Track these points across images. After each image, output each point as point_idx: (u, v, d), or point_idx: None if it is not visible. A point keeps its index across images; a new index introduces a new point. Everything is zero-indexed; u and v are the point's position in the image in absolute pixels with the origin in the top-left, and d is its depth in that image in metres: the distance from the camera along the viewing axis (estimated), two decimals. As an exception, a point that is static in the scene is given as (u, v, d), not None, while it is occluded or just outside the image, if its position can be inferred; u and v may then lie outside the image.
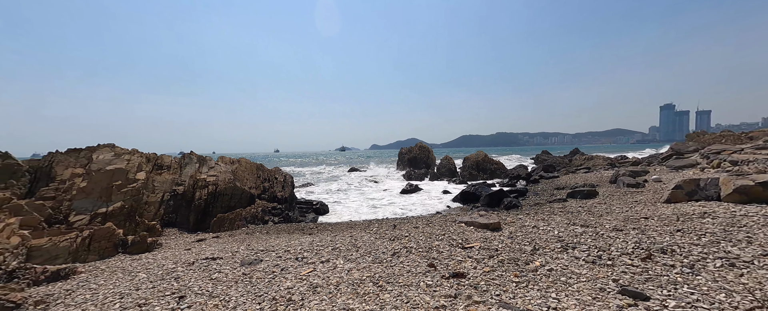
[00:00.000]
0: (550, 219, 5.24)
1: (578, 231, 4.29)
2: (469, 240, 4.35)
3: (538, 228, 4.68)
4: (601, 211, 5.69)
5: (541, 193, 11.35)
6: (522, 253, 3.71)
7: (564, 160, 24.94)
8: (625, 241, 3.72)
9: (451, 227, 5.20)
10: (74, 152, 9.51)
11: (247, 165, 11.82)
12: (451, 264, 3.48)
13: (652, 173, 11.38)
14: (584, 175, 14.53)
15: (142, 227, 7.28)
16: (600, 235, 4.05)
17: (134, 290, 3.25)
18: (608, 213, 5.35)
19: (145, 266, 4.39)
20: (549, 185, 13.20)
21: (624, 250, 3.46)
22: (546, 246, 3.86)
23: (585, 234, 4.15)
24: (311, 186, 19.86)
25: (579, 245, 3.78)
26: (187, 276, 3.67)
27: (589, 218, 5.07)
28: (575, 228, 4.49)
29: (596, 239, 3.93)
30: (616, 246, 3.62)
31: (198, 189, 9.35)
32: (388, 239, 4.76)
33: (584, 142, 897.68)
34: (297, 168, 35.31)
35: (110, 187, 7.66)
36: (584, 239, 3.97)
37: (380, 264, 3.63)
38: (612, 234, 4.02)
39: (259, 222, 9.17)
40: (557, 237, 4.14)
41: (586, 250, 3.60)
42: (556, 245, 3.86)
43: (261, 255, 4.42)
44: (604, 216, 5.15)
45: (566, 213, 5.85)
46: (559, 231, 4.42)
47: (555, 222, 4.96)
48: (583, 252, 3.54)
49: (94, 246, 5.21)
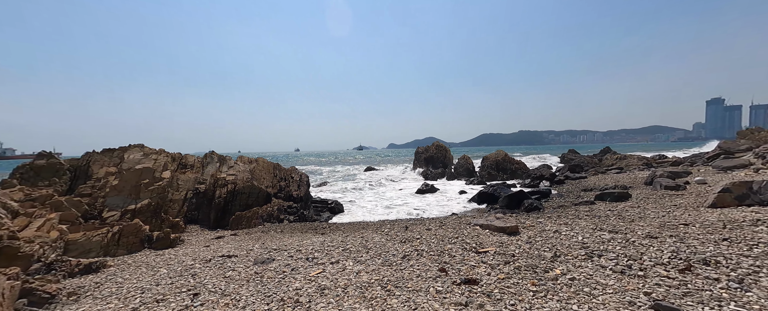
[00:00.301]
0: (574, 223, 4.94)
1: (605, 238, 4.00)
2: (484, 244, 4.20)
3: (560, 233, 4.42)
4: (634, 216, 5.27)
5: (566, 195, 10.77)
6: (541, 260, 3.51)
7: (593, 160, 23.47)
8: (660, 250, 3.41)
9: (465, 230, 5.05)
10: (108, 152, 10.29)
11: (264, 165, 12.22)
12: (463, 270, 3.36)
13: (695, 174, 10.42)
14: (615, 176, 13.61)
15: (166, 223, 7.75)
16: (631, 242, 3.75)
17: (154, 285, 3.44)
18: (641, 218, 4.95)
19: (167, 262, 4.64)
20: (575, 186, 12.48)
21: (658, 260, 3.17)
22: (568, 253, 3.63)
23: (613, 241, 3.86)
24: (328, 185, 20.21)
25: (606, 253, 3.52)
26: (203, 273, 3.84)
27: (618, 223, 4.71)
28: (602, 234, 4.19)
29: (626, 246, 3.63)
30: (650, 255, 3.32)
31: (218, 188, 9.80)
32: (399, 241, 4.70)
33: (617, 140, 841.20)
34: (314, 167, 36.22)
35: (139, 185, 8.23)
36: (612, 246, 3.69)
37: (390, 267, 3.58)
38: (645, 242, 3.70)
39: (275, 220, 9.45)
40: (581, 244, 3.88)
41: (613, 259, 3.34)
42: (580, 252, 3.61)
43: (274, 254, 4.52)
44: (636, 222, 4.76)
45: (593, 218, 5.48)
46: (583, 236, 4.15)
47: (579, 226, 4.66)
48: (611, 261, 3.29)
49: (123, 241, 5.62)
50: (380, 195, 15.91)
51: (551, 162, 32.12)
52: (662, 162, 17.72)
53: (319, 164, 43.51)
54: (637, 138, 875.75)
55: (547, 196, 10.96)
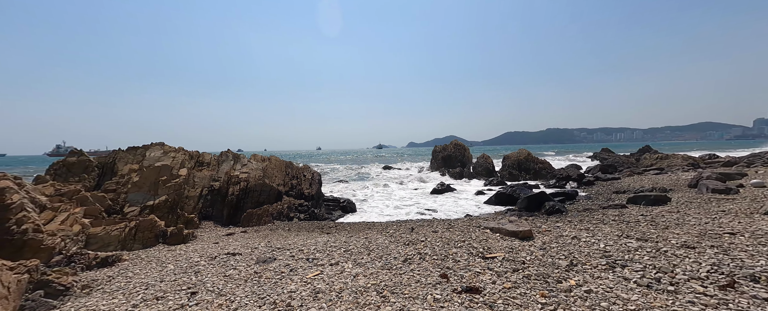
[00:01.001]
0: (597, 228, 4.58)
1: (632, 246, 3.66)
2: (492, 249, 4.00)
3: (579, 239, 4.11)
4: (670, 222, 4.79)
5: (594, 197, 10.11)
6: (554, 268, 3.28)
7: (629, 160, 21.83)
8: (698, 262, 3.06)
9: (473, 233, 4.86)
10: (133, 150, 11.05)
11: (276, 163, 12.55)
12: (466, 276, 3.22)
13: (751, 176, 9.35)
14: (654, 177, 12.57)
15: (182, 219, 8.19)
16: (662, 252, 3.40)
17: (159, 281, 3.61)
18: (679, 225, 4.48)
19: (176, 258, 4.87)
20: (606, 188, 11.68)
21: (694, 274, 2.84)
22: (586, 262, 3.36)
23: (641, 250, 3.52)
24: (343, 184, 20.47)
25: (631, 263, 3.22)
26: (207, 270, 3.97)
27: (649, 230, 4.30)
28: (629, 241, 3.84)
29: (656, 257, 3.30)
30: (684, 267, 2.99)
31: (231, 186, 10.20)
32: (402, 243, 4.61)
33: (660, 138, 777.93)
34: (333, 165, 37.05)
35: (157, 182, 8.76)
36: (639, 256, 3.37)
37: (389, 270, 3.51)
38: (679, 252, 3.34)
39: (284, 218, 9.68)
40: (602, 252, 3.58)
41: (640, 270, 3.04)
42: (600, 261, 3.33)
43: (276, 254, 4.60)
44: (671, 229, 4.32)
45: (620, 223, 5.06)
46: (606, 244, 3.83)
47: (603, 232, 4.31)
48: (636, 273, 2.99)
49: (139, 236, 5.99)
50: (394, 194, 15.86)
51: (581, 162, 30.49)
52: (712, 162, 16.10)
53: (337, 162, 44.61)
54: (684, 135, 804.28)
55: (573, 199, 10.37)
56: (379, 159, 49.58)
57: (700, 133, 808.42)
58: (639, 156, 23.23)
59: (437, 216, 10.23)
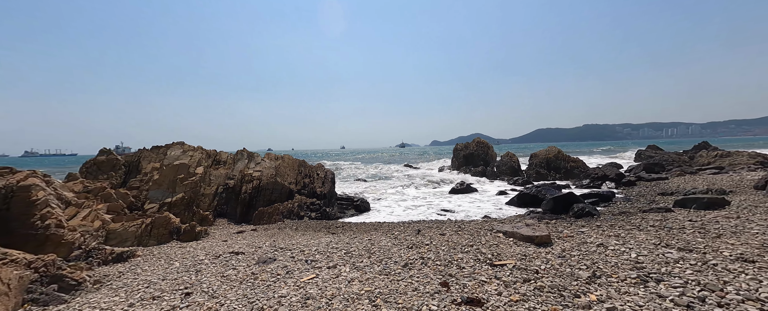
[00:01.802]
0: (630, 235, 4.11)
1: (672, 257, 3.23)
2: (503, 256, 3.74)
3: (607, 247, 3.72)
4: (725, 230, 4.19)
5: (635, 200, 9.25)
6: (573, 280, 2.97)
7: (681, 158, 19.72)
8: (757, 279, 2.61)
9: (484, 236, 4.59)
10: (156, 149, 11.84)
11: (289, 162, 12.85)
12: (469, 285, 3.01)
13: (837, 177, 7.99)
14: (711, 177, 11.25)
15: (197, 216, 8.64)
16: (710, 266, 2.95)
17: (161, 280, 3.76)
18: (736, 234, 3.90)
19: (184, 255, 5.10)
20: (650, 189, 10.65)
21: (750, 294, 2.42)
22: (613, 274, 3.01)
23: (683, 263, 3.09)
24: (362, 183, 20.64)
25: (668, 277, 2.82)
26: (208, 269, 4.10)
27: (696, 238, 3.78)
28: (668, 252, 3.39)
29: (702, 271, 2.87)
30: (737, 285, 2.56)
31: (245, 184, 10.59)
32: (406, 246, 4.47)
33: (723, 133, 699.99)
34: (354, 164, 38.05)
35: (175, 180, 9.31)
36: (680, 269, 2.95)
37: (387, 276, 3.39)
38: (733, 267, 2.88)
39: (295, 217, 9.88)
40: (634, 262, 3.19)
41: (679, 286, 2.66)
42: (630, 274, 2.97)
43: (277, 254, 4.65)
44: (725, 238, 3.77)
45: (660, 229, 4.51)
46: (638, 253, 3.42)
47: (636, 240, 3.86)
48: (674, 290, 2.61)
49: (154, 232, 6.38)
50: (411, 194, 15.71)
51: (624, 160, 28.17)
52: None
53: (359, 161, 45.72)
54: (753, 131, 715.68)
55: (609, 200, 9.58)
56: (400, 158, 50.22)
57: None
58: (693, 154, 20.94)
59: (453, 217, 9.92)
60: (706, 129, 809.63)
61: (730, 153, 17.20)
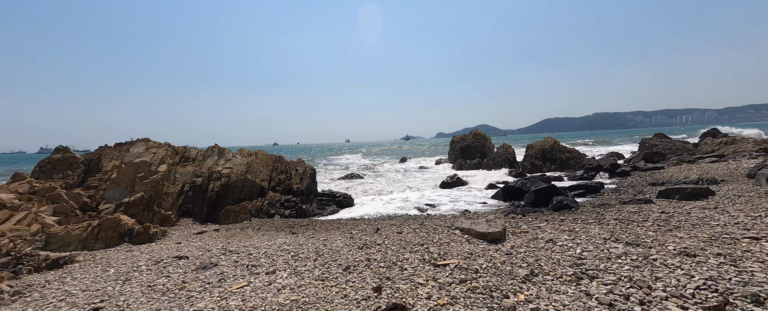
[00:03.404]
0: (583, 230, 4.12)
1: (616, 252, 3.23)
2: (448, 255, 3.74)
3: (556, 242, 3.72)
4: (685, 222, 4.18)
5: (624, 191, 9.30)
6: (510, 279, 2.98)
7: (685, 146, 19.75)
8: (689, 275, 2.61)
9: (439, 235, 4.59)
10: (119, 146, 11.70)
11: (263, 158, 12.77)
12: (402, 289, 3.01)
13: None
14: (707, 166, 11.31)
15: (158, 217, 8.60)
16: (650, 261, 2.96)
17: (81, 291, 3.72)
18: (696, 226, 3.90)
19: (125, 260, 5.07)
20: (642, 179, 10.73)
21: (677, 290, 2.42)
22: (551, 271, 3.02)
23: (625, 257, 3.10)
24: (355, 178, 20.69)
25: (603, 274, 2.83)
26: (139, 278, 4.06)
27: (647, 233, 3.78)
28: (615, 247, 3.40)
29: (638, 267, 2.87)
30: (668, 281, 2.57)
31: (212, 181, 10.53)
32: (357, 247, 4.47)
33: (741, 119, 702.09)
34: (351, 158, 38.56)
35: (135, 179, 9.23)
36: (618, 265, 2.96)
37: (323, 281, 3.38)
38: (672, 262, 2.88)
39: (264, 215, 9.86)
40: (575, 259, 3.19)
41: (610, 284, 2.66)
42: (567, 271, 2.97)
43: (222, 258, 4.64)
44: (677, 231, 3.77)
45: (621, 222, 4.52)
46: (584, 249, 3.42)
47: (588, 235, 3.86)
48: (605, 287, 2.62)
49: (101, 235, 6.35)
50: (400, 187, 15.80)
51: (626, 149, 28.29)
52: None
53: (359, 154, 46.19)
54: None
55: (597, 192, 9.63)
56: (403, 151, 50.75)
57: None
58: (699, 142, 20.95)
59: (435, 211, 9.97)
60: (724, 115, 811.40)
61: (735, 140, 17.23)
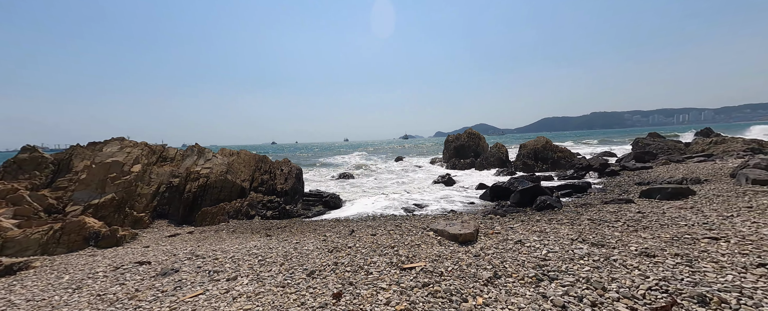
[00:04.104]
0: (554, 231, 4.14)
1: (579, 253, 3.25)
2: (417, 258, 3.72)
3: (524, 243, 3.73)
4: (654, 222, 4.23)
5: (610, 190, 9.42)
6: (473, 282, 2.98)
7: (677, 145, 20.13)
8: (645, 276, 2.62)
9: (411, 237, 4.57)
10: (92, 145, 11.45)
11: (245, 158, 12.63)
12: (363, 295, 2.98)
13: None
14: (694, 166, 11.55)
15: (129, 219, 8.43)
16: (610, 262, 2.98)
17: (25, 301, 3.61)
18: (664, 227, 3.94)
19: (82, 266, 4.94)
20: (630, 179, 10.91)
21: (629, 291, 2.43)
22: (515, 273, 3.02)
23: (587, 259, 3.11)
24: (348, 178, 20.67)
25: (563, 275, 2.84)
26: (92, 286, 3.95)
27: (614, 233, 3.81)
28: (579, 247, 3.42)
29: (598, 268, 2.89)
30: (622, 282, 2.59)
31: (190, 182, 10.37)
32: (327, 250, 4.43)
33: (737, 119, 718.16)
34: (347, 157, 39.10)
35: (105, 179, 9.03)
36: (579, 266, 2.97)
37: (284, 288, 3.34)
38: (631, 263, 2.90)
39: (243, 216, 9.74)
40: (540, 260, 3.20)
41: (567, 285, 2.67)
42: (529, 272, 2.98)
43: (186, 264, 4.55)
44: (642, 231, 3.82)
45: (593, 222, 4.56)
46: (550, 250, 3.44)
47: (557, 235, 3.88)
48: (562, 288, 2.63)
49: (64, 239, 6.18)
50: (390, 188, 15.80)
51: (620, 148, 28.69)
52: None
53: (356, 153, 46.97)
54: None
55: (584, 191, 9.74)
56: (400, 150, 51.00)
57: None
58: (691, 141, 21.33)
59: (422, 212, 9.99)
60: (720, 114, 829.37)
61: (725, 139, 17.58)
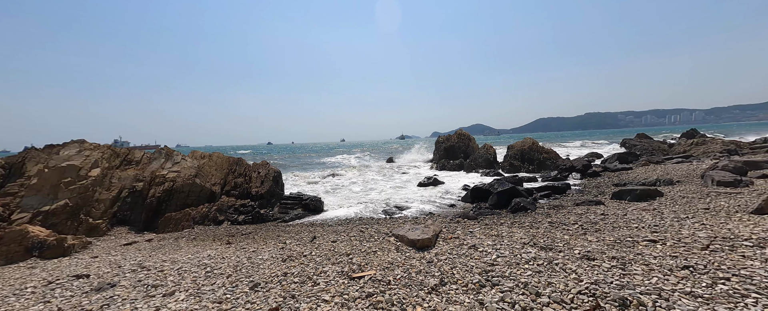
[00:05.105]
0: (510, 234, 4.20)
1: (526, 257, 3.31)
2: (369, 266, 3.72)
3: (478, 248, 3.77)
4: (611, 225, 4.34)
5: (588, 191, 9.66)
6: (419, 289, 3.00)
7: (662, 146, 20.81)
8: (579, 280, 2.67)
9: (370, 243, 4.59)
10: (49, 148, 11.05)
11: (217, 160, 12.43)
12: (302, 308, 2.97)
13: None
14: (671, 167, 11.98)
15: (84, 226, 8.15)
16: (552, 265, 3.04)
17: None
18: (615, 229, 4.04)
19: (15, 281, 4.70)
20: (609, 180, 11.23)
21: (560, 296, 2.49)
22: (461, 279, 3.05)
23: (532, 263, 3.17)
24: (335, 178, 20.55)
25: (505, 281, 2.88)
26: (13, 305, 3.74)
27: (564, 236, 3.89)
28: (529, 251, 3.48)
29: (540, 272, 2.95)
30: (557, 286, 2.64)
31: (154, 186, 10.11)
32: (281, 259, 4.40)
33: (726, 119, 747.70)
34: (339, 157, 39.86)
35: (59, 184, 8.72)
36: (522, 271, 3.02)
37: (219, 304, 3.28)
38: (571, 266, 2.97)
39: (211, 222, 9.55)
40: (488, 265, 3.24)
41: (506, 291, 2.72)
42: (473, 278, 3.01)
43: (128, 277, 4.40)
44: (590, 234, 3.92)
45: (551, 226, 4.65)
46: (500, 254, 3.48)
47: (512, 239, 3.95)
48: (501, 294, 2.67)
49: (3, 249, 5.92)
50: (376, 189, 15.78)
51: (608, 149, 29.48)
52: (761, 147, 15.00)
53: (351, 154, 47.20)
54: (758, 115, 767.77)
55: (563, 193, 9.93)
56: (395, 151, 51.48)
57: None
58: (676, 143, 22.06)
59: (402, 214, 10.05)
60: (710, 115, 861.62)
61: (706, 140, 18.27)
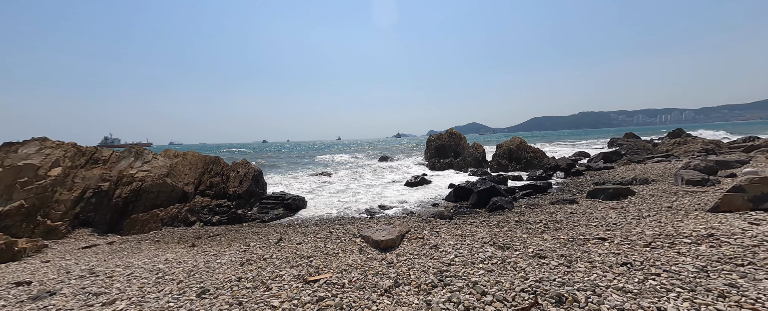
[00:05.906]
0: (472, 234, 4.29)
1: (482, 256, 3.39)
2: (327, 268, 3.73)
3: (439, 248, 3.83)
4: (573, 224, 4.46)
5: (566, 190, 9.90)
6: (373, 292, 3.05)
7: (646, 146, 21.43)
8: (525, 278, 2.74)
9: (335, 244, 4.63)
10: (7, 146, 10.66)
11: (192, 159, 12.22)
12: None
13: (753, 164, 8.94)
14: (649, 166, 12.41)
15: (41, 228, 7.91)
16: (505, 264, 3.12)
17: None
18: (574, 227, 4.16)
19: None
20: (591, 179, 11.57)
21: (504, 294, 2.55)
22: (416, 280, 3.11)
23: (487, 262, 3.26)
24: (325, 177, 20.47)
25: (457, 280, 2.94)
26: None
27: (522, 235, 3.98)
28: (486, 250, 3.55)
29: (491, 272, 3.04)
30: (503, 285, 2.71)
31: (121, 186, 9.87)
32: (238, 263, 4.36)
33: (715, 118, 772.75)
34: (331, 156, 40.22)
35: (14, 184, 8.44)
36: (475, 270, 3.09)
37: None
38: (521, 265, 3.05)
39: (181, 223, 9.40)
40: (443, 266, 3.31)
41: (455, 291, 2.77)
42: (427, 279, 3.06)
43: (72, 284, 4.25)
44: (548, 233, 4.02)
45: (517, 224, 4.75)
46: (458, 254, 3.55)
47: (472, 239, 4.03)
48: (450, 294, 2.73)
49: (-54, 253, 5.69)
50: (364, 187, 15.78)
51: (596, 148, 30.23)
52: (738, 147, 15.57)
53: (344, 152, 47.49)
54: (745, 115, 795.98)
55: (544, 191, 10.16)
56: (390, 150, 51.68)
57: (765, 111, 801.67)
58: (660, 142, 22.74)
59: (385, 213, 10.15)
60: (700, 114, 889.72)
61: (687, 140, 18.91)
